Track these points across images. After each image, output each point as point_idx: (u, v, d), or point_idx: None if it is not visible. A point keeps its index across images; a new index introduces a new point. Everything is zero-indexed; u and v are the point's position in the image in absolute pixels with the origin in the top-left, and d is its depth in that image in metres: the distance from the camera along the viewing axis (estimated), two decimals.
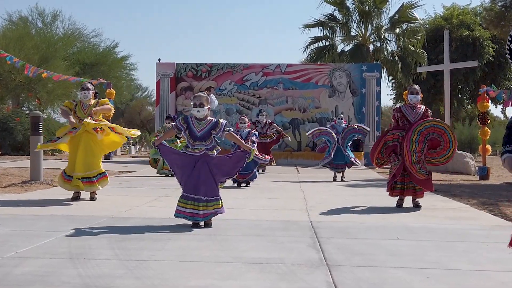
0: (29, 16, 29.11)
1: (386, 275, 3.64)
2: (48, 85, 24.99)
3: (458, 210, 7.05)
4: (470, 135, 25.86)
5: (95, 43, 30.92)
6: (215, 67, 20.17)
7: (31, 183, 9.57)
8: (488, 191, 9.72)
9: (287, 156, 18.97)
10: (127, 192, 8.59)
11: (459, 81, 27.41)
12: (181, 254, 4.16)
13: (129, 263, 3.83)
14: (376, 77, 19.82)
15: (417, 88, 7.36)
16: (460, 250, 4.47)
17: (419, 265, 3.90)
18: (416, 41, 25.26)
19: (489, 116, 13.77)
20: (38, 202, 7.16)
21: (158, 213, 6.28)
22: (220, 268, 3.75)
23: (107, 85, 16.17)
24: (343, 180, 11.90)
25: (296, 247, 4.46)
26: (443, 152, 7.08)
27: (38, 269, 3.65)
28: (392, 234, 5.14)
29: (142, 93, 50.46)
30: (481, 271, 3.80)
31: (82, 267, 3.71)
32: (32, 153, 9.96)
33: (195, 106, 5.51)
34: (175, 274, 3.59)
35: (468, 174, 14.16)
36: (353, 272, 3.67)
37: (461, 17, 28.25)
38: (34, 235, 4.82)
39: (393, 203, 7.35)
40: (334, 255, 4.17)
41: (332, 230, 5.34)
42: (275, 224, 5.62)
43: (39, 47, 25.66)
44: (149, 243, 4.53)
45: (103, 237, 4.76)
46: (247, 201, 7.70)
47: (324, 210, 6.85)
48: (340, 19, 26.63)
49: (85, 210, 6.47)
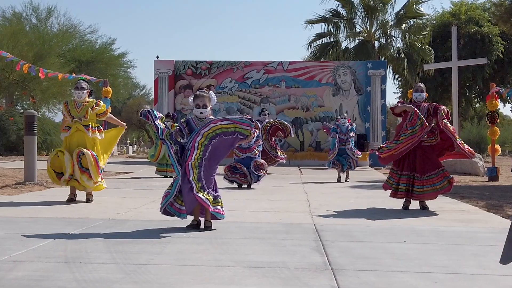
0: (23, 12, 29.20)
1: (392, 279, 3.64)
2: (43, 83, 25.02)
3: (467, 212, 7.04)
4: (478, 135, 25.90)
5: (91, 40, 31.01)
6: (215, 64, 20.19)
7: (25, 184, 9.58)
8: (497, 192, 9.71)
9: (290, 157, 18.98)
10: (124, 194, 8.60)
11: (467, 79, 27.40)
12: (180, 258, 4.16)
13: (126, 267, 3.83)
14: (381, 75, 19.83)
15: (422, 86, 7.37)
16: (469, 253, 4.47)
17: (426, 269, 3.90)
18: (423, 37, 25.24)
19: (498, 115, 13.77)
20: (32, 204, 7.16)
21: (156, 216, 6.27)
22: (221, 272, 3.75)
23: (104, 83, 16.18)
24: (348, 181, 11.91)
25: (299, 251, 4.46)
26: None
27: (32, 273, 3.65)
28: (399, 237, 5.13)
29: (140, 92, 50.51)
30: (490, 275, 3.79)
31: (79, 271, 3.71)
32: (26, 154, 9.97)
33: (197, 107, 5.49)
34: (175, 278, 3.59)
35: (477, 175, 14.15)
36: (358, 277, 3.67)
37: (470, 12, 28.23)
38: (28, 238, 4.82)
39: (399, 205, 7.35)
40: (338, 259, 4.17)
41: (336, 233, 5.34)
42: (278, 227, 5.62)
43: (34, 44, 25.70)
44: (147, 247, 4.53)
45: (100, 240, 4.76)
46: (248, 203, 7.70)
47: (328, 212, 6.85)
48: (344, 15, 26.64)
49: (81, 213, 6.48)
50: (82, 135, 7.39)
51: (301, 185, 10.98)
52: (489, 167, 13.20)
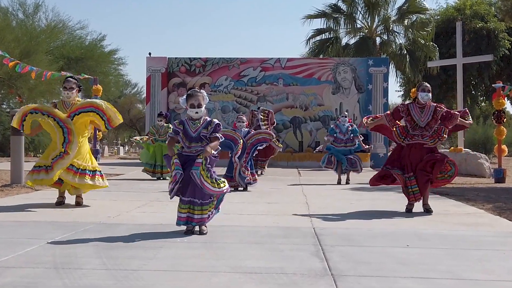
0: (10, 7, 29.11)
1: (395, 285, 3.64)
2: (30, 81, 24.97)
3: (473, 215, 7.06)
4: (484, 135, 25.90)
5: (80, 36, 30.94)
6: (210, 61, 20.20)
7: (12, 186, 9.57)
8: (504, 194, 9.74)
9: (288, 158, 18.99)
10: (115, 197, 8.59)
11: (473, 76, 27.49)
12: (174, 263, 4.16)
13: (118, 273, 3.83)
14: (383, 72, 19.87)
15: (428, 85, 7.40)
16: (475, 258, 4.48)
17: (431, 275, 3.91)
18: (426, 33, 25.31)
19: (505, 114, 13.81)
20: (19, 207, 7.15)
21: (149, 219, 6.28)
22: (216, 278, 3.75)
23: (94, 81, 16.18)
24: (348, 183, 11.93)
25: (298, 256, 4.46)
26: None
27: (19, 279, 3.64)
28: (401, 241, 5.14)
29: (132, 90, 50.47)
30: (496, 281, 3.80)
31: (68, 277, 3.71)
32: (13, 155, 9.95)
33: (192, 107, 5.47)
34: (168, 285, 3.59)
35: (483, 177, 14.19)
36: (360, 283, 3.68)
37: (475, 7, 28.33)
38: (15, 243, 4.81)
39: (402, 207, 7.36)
40: (339, 264, 4.18)
41: (336, 237, 5.34)
42: (275, 231, 5.62)
43: (20, 40, 25.62)
44: (139, 252, 4.53)
45: (90, 245, 4.76)
46: (245, 206, 7.71)
47: (327, 215, 6.86)
48: (345, 10, 26.70)
49: (70, 216, 6.47)
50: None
51: (299, 187, 10.99)
52: (495, 168, 13.24)
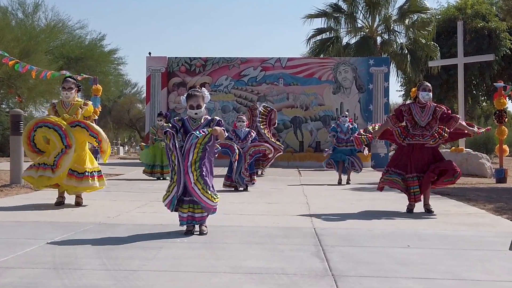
0: (9, 6, 29.10)
1: (396, 285, 3.65)
2: (30, 81, 24.96)
3: (474, 215, 7.06)
4: (486, 135, 25.87)
5: (80, 36, 30.91)
6: (210, 61, 20.20)
7: (11, 186, 9.57)
8: (505, 195, 9.74)
9: (288, 158, 18.99)
10: (115, 197, 8.60)
11: (474, 76, 27.49)
12: (174, 264, 4.16)
13: (117, 274, 3.83)
14: (384, 72, 19.87)
15: (429, 85, 7.41)
16: (476, 259, 4.49)
17: (431, 275, 3.91)
18: (427, 33, 25.31)
19: (506, 114, 13.80)
20: (19, 208, 7.16)
21: (149, 219, 6.28)
22: (216, 278, 3.76)
23: (93, 81, 16.17)
24: (349, 183, 11.93)
25: (298, 256, 4.47)
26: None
27: (19, 280, 3.65)
28: (402, 242, 5.15)
29: (131, 90, 50.43)
30: (497, 281, 3.81)
31: (67, 277, 3.71)
32: (12, 155, 9.96)
33: (191, 108, 5.47)
34: (168, 285, 3.60)
35: (484, 177, 14.19)
36: (361, 283, 3.68)
37: (476, 7, 28.32)
38: (15, 243, 4.82)
39: (402, 207, 7.37)
40: (339, 265, 4.18)
41: (337, 237, 5.35)
42: (276, 231, 5.63)
43: (20, 40, 25.62)
44: (139, 252, 4.53)
45: (90, 245, 4.76)
46: (244, 206, 7.71)
47: (328, 215, 6.87)
48: (346, 9, 26.70)
49: (70, 216, 6.47)
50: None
51: (300, 187, 11.00)
52: (496, 169, 13.24)
